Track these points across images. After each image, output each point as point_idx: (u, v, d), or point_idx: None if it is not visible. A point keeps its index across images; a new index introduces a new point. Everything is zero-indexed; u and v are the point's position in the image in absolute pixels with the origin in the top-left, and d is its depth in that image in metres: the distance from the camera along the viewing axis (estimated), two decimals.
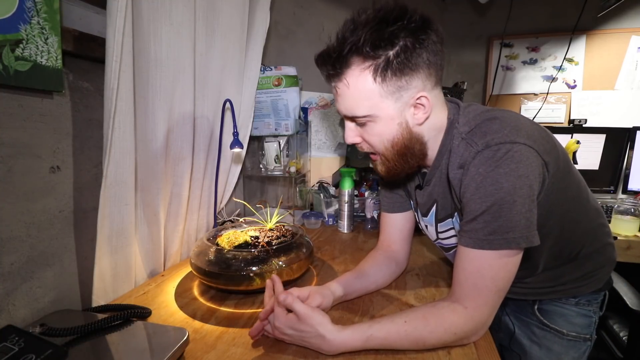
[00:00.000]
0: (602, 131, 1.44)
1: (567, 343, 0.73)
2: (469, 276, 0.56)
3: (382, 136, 0.61)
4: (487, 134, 0.55)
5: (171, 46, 0.79)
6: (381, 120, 0.60)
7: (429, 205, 0.71)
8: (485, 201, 0.53)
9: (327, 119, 1.56)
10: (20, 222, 0.59)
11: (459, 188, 0.59)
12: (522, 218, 0.52)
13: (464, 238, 0.56)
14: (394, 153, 0.63)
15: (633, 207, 1.23)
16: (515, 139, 0.53)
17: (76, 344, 0.50)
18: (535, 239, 0.53)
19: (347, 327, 0.54)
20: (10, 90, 0.56)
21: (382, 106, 0.59)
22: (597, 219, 0.70)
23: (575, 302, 0.73)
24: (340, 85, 0.59)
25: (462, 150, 0.59)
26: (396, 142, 0.61)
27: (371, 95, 0.58)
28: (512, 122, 0.56)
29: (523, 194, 0.52)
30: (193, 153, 0.93)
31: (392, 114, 0.59)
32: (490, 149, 0.53)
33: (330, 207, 1.34)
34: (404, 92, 0.58)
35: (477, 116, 0.60)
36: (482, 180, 0.53)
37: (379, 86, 0.57)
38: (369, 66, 0.56)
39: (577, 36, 1.51)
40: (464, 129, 0.60)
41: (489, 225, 0.53)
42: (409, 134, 0.61)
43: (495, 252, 0.53)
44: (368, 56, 0.56)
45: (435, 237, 0.75)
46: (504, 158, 0.52)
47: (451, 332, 0.54)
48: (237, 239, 0.79)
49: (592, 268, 0.71)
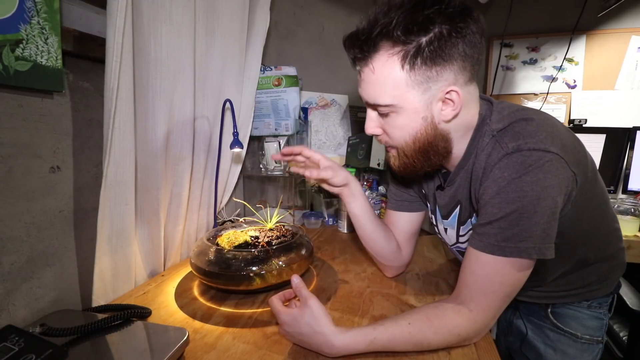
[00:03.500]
0: (602, 131, 1.44)
1: (581, 346, 0.71)
2: (477, 279, 0.54)
3: (404, 129, 0.58)
4: (520, 136, 0.52)
5: (171, 46, 0.79)
6: (405, 112, 0.56)
7: (452, 207, 0.67)
8: (505, 207, 0.50)
9: (327, 119, 1.55)
10: (20, 222, 0.59)
11: (478, 187, 0.57)
12: (539, 229, 0.50)
13: (476, 240, 0.55)
14: (414, 149, 0.59)
15: (633, 207, 1.23)
16: (548, 148, 0.49)
17: (76, 344, 0.50)
18: (550, 252, 0.51)
19: (349, 329, 0.53)
20: (10, 90, 0.56)
21: (407, 97, 0.55)
22: (613, 224, 0.69)
23: (587, 305, 0.71)
24: (366, 70, 0.56)
25: (490, 149, 0.55)
26: (418, 137, 0.57)
27: (397, 84, 0.54)
28: (548, 127, 0.52)
29: (545, 205, 0.49)
30: (193, 153, 0.93)
31: (417, 107, 0.55)
32: (522, 153, 0.50)
33: (330, 207, 1.34)
34: (433, 83, 0.54)
35: (512, 114, 0.56)
36: (506, 185, 0.50)
37: (407, 74, 0.53)
38: (398, 52, 0.52)
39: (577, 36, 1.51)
40: (497, 125, 0.56)
41: (504, 232, 0.51)
42: (433, 130, 0.57)
43: (506, 259, 0.51)
44: (398, 41, 0.52)
45: (455, 240, 0.71)
46: (533, 166, 0.49)
47: (455, 333, 0.53)
48: (237, 239, 0.79)
49: (606, 272, 0.69)
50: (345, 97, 1.57)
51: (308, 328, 0.53)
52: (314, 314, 0.53)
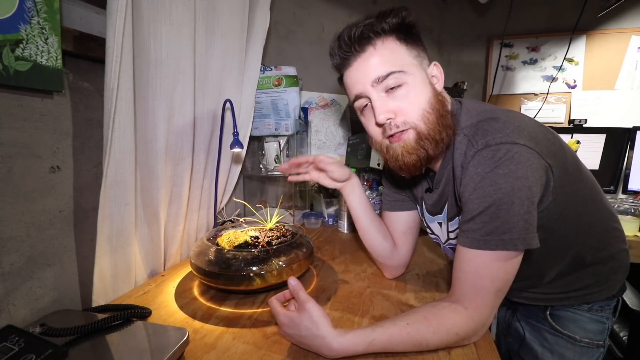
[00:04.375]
0: (602, 131, 1.44)
1: (580, 349, 0.71)
2: (468, 276, 0.55)
3: (420, 97, 0.60)
4: (488, 132, 0.54)
5: (171, 46, 0.79)
6: (416, 79, 0.60)
7: (442, 204, 0.69)
8: (483, 202, 0.52)
9: (327, 119, 1.56)
10: (20, 222, 0.59)
11: (459, 185, 0.59)
12: (520, 220, 0.51)
13: (462, 238, 0.56)
14: (433, 120, 0.59)
15: (633, 207, 1.23)
16: (515, 140, 0.52)
17: (76, 344, 0.50)
18: (534, 241, 0.52)
19: (348, 331, 0.53)
20: (10, 90, 0.56)
21: (412, 65, 0.61)
22: (611, 223, 0.68)
23: (588, 308, 0.71)
24: (368, 49, 0.61)
25: (464, 148, 0.58)
26: (434, 104, 0.60)
27: (400, 55, 0.61)
28: (515, 123, 0.55)
29: (522, 195, 0.51)
30: (193, 153, 0.93)
31: (422, 75, 0.62)
32: (490, 148, 0.52)
33: (330, 207, 1.34)
34: (423, 59, 0.63)
35: (480, 113, 0.59)
36: (481, 181, 0.52)
37: (406, 49, 0.61)
38: (394, 32, 0.61)
39: (577, 36, 1.51)
40: (466, 124, 0.59)
41: (486, 226, 0.53)
42: (440, 97, 0.62)
43: (492, 252, 0.53)
44: (391, 28, 0.61)
45: (446, 237, 0.73)
46: (503, 159, 0.51)
47: (453, 332, 0.54)
48: (237, 239, 0.79)
49: (606, 274, 0.69)
50: (345, 97, 1.57)
51: (307, 331, 0.53)
52: (312, 318, 0.53)
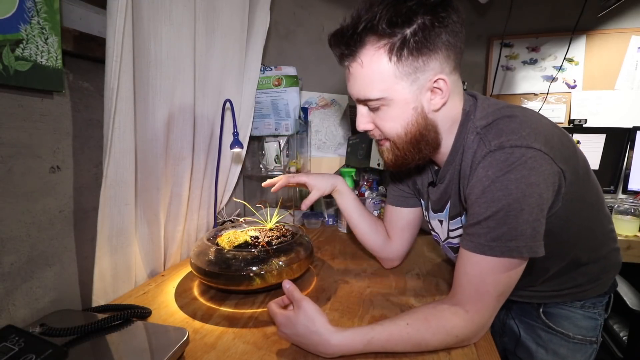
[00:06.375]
0: (602, 131, 1.44)
1: (574, 346, 0.71)
2: (471, 280, 0.55)
3: (396, 121, 0.58)
4: (502, 133, 0.52)
5: (171, 46, 0.79)
6: (395, 104, 0.57)
7: (444, 201, 0.68)
8: (491, 206, 0.50)
9: (327, 119, 1.55)
10: (20, 222, 0.59)
11: (465, 185, 0.57)
12: (528, 227, 0.49)
13: (466, 241, 0.55)
14: (406, 141, 0.60)
15: (633, 207, 1.23)
16: (531, 144, 0.49)
17: (76, 344, 0.50)
18: (540, 250, 0.51)
19: (346, 329, 0.53)
20: (10, 90, 0.56)
21: (397, 88, 0.56)
22: (608, 225, 0.68)
23: (580, 305, 0.71)
24: (354, 65, 0.57)
25: (475, 147, 0.55)
26: (410, 129, 0.58)
27: (386, 77, 0.55)
28: (532, 124, 0.52)
29: (532, 202, 0.49)
30: (193, 153, 0.93)
31: (407, 98, 0.56)
32: (504, 151, 0.50)
33: (330, 207, 1.34)
34: (421, 74, 0.55)
35: (497, 111, 0.57)
36: (490, 184, 0.50)
37: (395, 66, 0.54)
38: (384, 45, 0.54)
39: (577, 36, 1.51)
40: (481, 122, 0.56)
41: (492, 231, 0.51)
42: (423, 120, 0.58)
43: (497, 259, 0.51)
44: (384, 34, 0.53)
45: (446, 235, 0.72)
46: (516, 163, 0.49)
47: (453, 334, 0.53)
48: (237, 239, 0.79)
49: (598, 273, 0.69)
50: (345, 97, 1.57)
51: (304, 329, 0.53)
52: (308, 314, 0.53)
